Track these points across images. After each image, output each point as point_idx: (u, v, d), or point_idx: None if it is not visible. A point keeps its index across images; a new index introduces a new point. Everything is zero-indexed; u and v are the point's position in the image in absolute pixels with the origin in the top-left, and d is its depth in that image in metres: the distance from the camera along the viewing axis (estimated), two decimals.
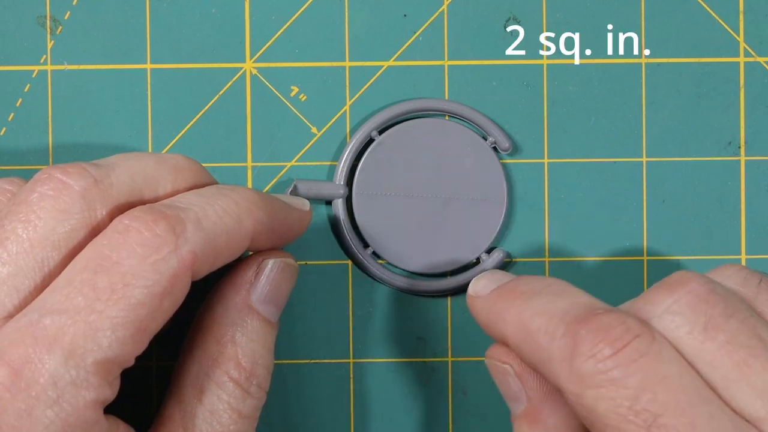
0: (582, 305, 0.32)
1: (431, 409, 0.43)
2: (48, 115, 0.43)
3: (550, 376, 0.31)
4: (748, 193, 0.43)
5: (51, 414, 0.30)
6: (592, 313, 0.31)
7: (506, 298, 0.34)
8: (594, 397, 0.30)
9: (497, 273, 0.37)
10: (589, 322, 0.31)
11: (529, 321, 0.32)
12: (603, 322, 0.30)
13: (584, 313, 0.31)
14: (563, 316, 0.31)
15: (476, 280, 0.37)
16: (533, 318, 0.32)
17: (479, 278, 0.37)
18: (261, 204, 0.36)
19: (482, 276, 0.37)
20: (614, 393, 0.29)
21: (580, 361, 0.30)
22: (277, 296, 0.37)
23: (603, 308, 0.31)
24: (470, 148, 0.43)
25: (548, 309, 0.32)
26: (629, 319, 0.31)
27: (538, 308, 0.32)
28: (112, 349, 0.31)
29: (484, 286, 0.36)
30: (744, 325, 0.31)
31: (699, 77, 0.43)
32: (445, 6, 0.43)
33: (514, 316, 0.33)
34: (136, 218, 0.32)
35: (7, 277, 0.32)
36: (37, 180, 0.33)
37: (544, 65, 0.43)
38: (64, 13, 0.43)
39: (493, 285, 0.36)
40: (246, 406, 0.35)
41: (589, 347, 0.30)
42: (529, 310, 0.33)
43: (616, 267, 0.43)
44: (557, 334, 0.31)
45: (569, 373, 0.30)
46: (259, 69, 0.43)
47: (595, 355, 0.30)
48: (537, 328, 0.32)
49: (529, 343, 0.32)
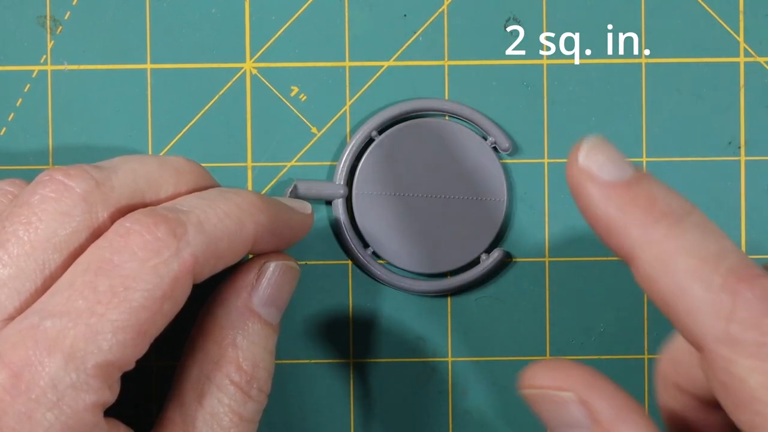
0: (735, 255, 0.28)
1: (431, 409, 0.43)
2: (48, 115, 0.43)
3: (694, 327, 0.28)
4: (748, 193, 0.43)
5: (51, 417, 0.30)
6: (752, 272, 0.28)
7: (644, 211, 0.29)
8: (749, 367, 0.27)
9: (616, 153, 0.30)
10: (753, 284, 0.27)
11: (676, 256, 0.28)
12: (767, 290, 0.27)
13: (742, 269, 0.28)
14: (717, 263, 0.28)
15: (590, 149, 0.30)
16: (682, 255, 0.28)
17: (594, 149, 0.30)
18: (263, 207, 0.36)
19: (598, 148, 0.30)
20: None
21: (741, 327, 0.27)
22: (279, 299, 0.37)
23: (760, 268, 0.28)
24: (470, 148, 0.43)
25: (698, 248, 0.28)
26: None
27: (688, 243, 0.28)
28: (112, 352, 0.31)
29: (603, 167, 0.29)
30: None
31: (699, 77, 0.43)
32: (445, 6, 0.43)
33: (656, 242, 0.28)
34: (137, 221, 0.32)
35: (8, 279, 0.32)
36: (38, 182, 0.33)
37: (544, 65, 0.43)
38: (64, 13, 0.43)
39: (616, 172, 0.29)
40: (247, 409, 0.35)
41: (754, 316, 0.27)
42: (674, 241, 0.28)
43: (616, 267, 0.43)
44: (713, 285, 0.27)
45: (724, 334, 0.27)
46: (259, 69, 0.43)
47: (760, 327, 0.27)
48: (686, 269, 0.28)
49: (671, 281, 0.28)
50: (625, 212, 0.29)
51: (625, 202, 0.29)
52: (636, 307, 0.43)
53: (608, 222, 0.29)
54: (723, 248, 0.28)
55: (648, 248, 0.28)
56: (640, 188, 0.29)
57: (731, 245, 0.28)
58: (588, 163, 0.29)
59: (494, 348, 0.43)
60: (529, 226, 0.43)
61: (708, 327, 0.27)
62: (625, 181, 0.29)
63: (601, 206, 0.29)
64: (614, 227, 0.29)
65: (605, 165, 0.29)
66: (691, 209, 0.29)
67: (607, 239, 0.29)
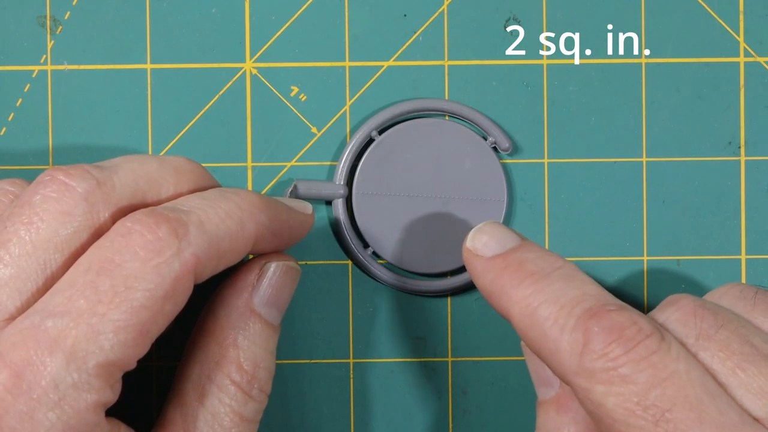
0: (593, 297, 0.32)
1: (431, 409, 0.43)
2: (48, 115, 0.43)
3: (557, 367, 0.32)
4: (748, 193, 0.43)
5: (52, 417, 0.30)
6: (604, 308, 0.31)
7: (512, 274, 0.34)
8: (603, 392, 0.30)
9: (498, 229, 0.36)
10: (601, 318, 0.31)
11: (538, 308, 0.32)
12: (615, 321, 0.31)
13: (596, 308, 0.31)
14: (574, 307, 0.32)
15: (476, 233, 0.36)
16: (542, 305, 0.32)
17: (479, 231, 0.36)
18: (263, 207, 0.36)
19: (482, 230, 0.36)
20: (623, 389, 0.30)
21: (590, 358, 0.30)
22: (279, 299, 0.37)
23: (614, 304, 0.32)
24: (470, 148, 0.43)
25: (558, 297, 0.32)
26: (641, 320, 0.31)
27: (548, 295, 0.32)
28: (113, 351, 0.31)
29: (486, 245, 0.35)
30: (735, 335, 0.31)
31: (699, 77, 0.43)
32: (445, 6, 0.43)
33: (522, 299, 0.33)
34: (138, 221, 0.32)
35: (10, 279, 0.32)
36: (39, 182, 0.33)
37: (544, 65, 0.43)
38: (64, 13, 0.43)
39: (496, 247, 0.35)
40: (248, 409, 0.35)
41: (601, 346, 0.30)
42: (537, 295, 0.33)
43: (616, 267, 0.43)
44: (567, 327, 0.31)
45: (578, 367, 0.31)
46: (259, 69, 0.43)
47: (606, 354, 0.30)
48: (546, 317, 0.32)
49: (536, 331, 0.32)
50: (499, 278, 0.34)
51: (500, 270, 0.34)
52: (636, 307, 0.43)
53: (489, 289, 0.34)
54: (583, 293, 0.32)
55: (517, 305, 0.33)
56: (513, 256, 0.34)
57: (594, 289, 0.33)
58: (473, 244, 0.36)
59: (494, 348, 0.43)
60: (529, 226, 0.43)
61: (567, 364, 0.31)
62: (502, 253, 0.34)
63: (482, 277, 0.35)
64: (493, 293, 0.34)
65: (488, 243, 0.35)
66: (561, 264, 0.34)
67: (493, 305, 0.35)
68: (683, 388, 0.30)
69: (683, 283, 0.43)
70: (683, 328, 0.32)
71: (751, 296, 0.33)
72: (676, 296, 0.33)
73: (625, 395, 0.30)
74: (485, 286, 0.35)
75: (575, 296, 0.32)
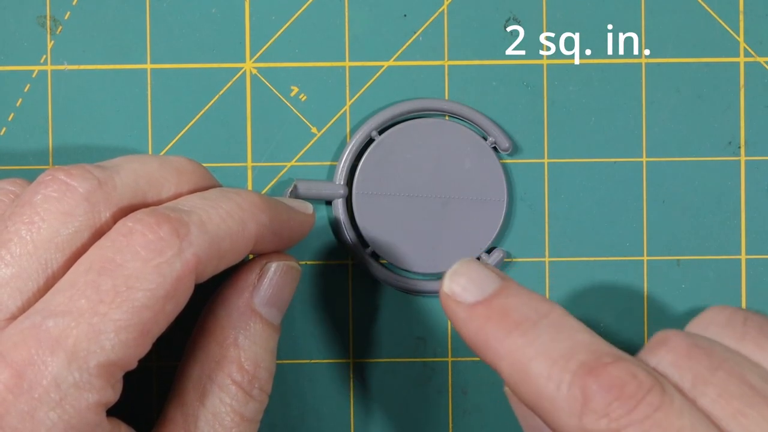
0: (586, 348, 0.30)
1: (431, 409, 0.43)
2: (48, 115, 0.43)
3: (555, 425, 0.30)
4: (748, 193, 0.43)
5: (54, 416, 0.30)
6: (600, 362, 0.29)
7: (498, 325, 0.31)
8: None
9: (476, 270, 0.33)
10: (599, 374, 0.29)
11: (529, 363, 0.30)
12: (614, 376, 0.29)
13: (592, 361, 0.29)
14: (568, 361, 0.30)
15: (453, 275, 0.33)
16: (533, 360, 0.30)
17: (456, 274, 0.33)
18: (264, 207, 0.36)
19: (459, 272, 0.33)
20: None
21: (592, 419, 0.29)
22: (280, 299, 0.37)
23: (610, 355, 0.30)
24: (470, 148, 0.43)
25: (550, 350, 0.30)
26: (640, 372, 0.29)
27: (538, 348, 0.30)
28: (115, 351, 0.31)
29: (465, 290, 0.32)
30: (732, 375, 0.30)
31: (699, 77, 0.43)
32: (445, 6, 0.43)
33: (510, 352, 0.31)
34: (139, 221, 0.32)
35: (11, 279, 0.32)
36: (40, 182, 0.33)
37: (544, 65, 0.43)
38: (64, 13, 0.43)
39: (476, 291, 0.32)
40: (248, 409, 0.35)
41: (602, 405, 0.29)
42: (527, 349, 0.30)
43: (616, 267, 0.43)
44: (563, 384, 0.29)
45: (579, 428, 0.29)
46: (259, 69, 0.43)
47: (608, 414, 0.29)
48: (539, 374, 0.30)
49: (530, 387, 0.30)
50: (483, 329, 0.31)
51: (483, 320, 0.31)
52: (636, 307, 0.43)
53: (473, 341, 0.32)
54: (574, 344, 0.30)
55: (506, 359, 0.31)
56: (496, 303, 0.32)
57: (585, 337, 0.30)
58: (452, 288, 0.33)
59: None
60: (529, 226, 0.43)
61: (565, 424, 0.29)
62: (483, 299, 0.32)
63: (465, 328, 0.32)
64: (478, 345, 0.32)
65: (467, 288, 0.32)
66: (547, 311, 0.31)
67: (479, 356, 0.32)
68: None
69: (683, 283, 0.43)
70: (678, 372, 0.30)
71: (740, 323, 0.32)
72: (666, 334, 0.31)
73: None
74: (469, 336, 0.32)
75: (568, 348, 0.30)
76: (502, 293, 0.32)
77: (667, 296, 0.43)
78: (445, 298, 0.33)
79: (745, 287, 0.43)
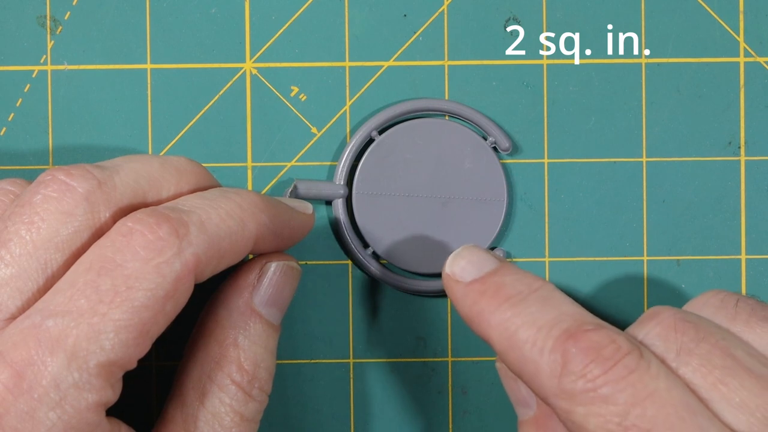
0: (570, 317, 0.32)
1: (431, 409, 0.43)
2: (48, 115, 0.43)
3: (538, 389, 0.32)
4: (748, 193, 0.43)
5: (53, 416, 0.30)
6: (582, 328, 0.31)
7: (491, 299, 0.34)
8: (584, 413, 0.30)
9: (476, 253, 0.36)
10: (579, 339, 0.31)
11: (516, 331, 0.32)
12: (593, 340, 0.31)
13: (574, 328, 0.31)
14: (551, 328, 0.31)
15: (454, 258, 0.36)
16: (520, 328, 0.32)
17: (457, 256, 0.36)
18: (264, 207, 0.36)
19: (461, 255, 0.36)
20: (604, 410, 0.30)
21: (570, 380, 0.30)
22: (280, 299, 0.37)
23: (592, 323, 0.31)
24: (470, 148, 0.43)
25: (536, 319, 0.32)
26: (619, 337, 0.31)
27: (525, 317, 0.32)
28: (114, 351, 0.31)
29: (464, 270, 0.35)
30: (716, 348, 0.31)
31: (699, 77, 0.43)
32: (445, 6, 0.43)
33: (500, 322, 0.33)
34: (139, 221, 0.32)
35: (10, 279, 0.32)
36: (40, 182, 0.33)
37: (544, 65, 0.43)
38: (64, 13, 0.43)
39: (474, 271, 0.35)
40: (248, 409, 0.35)
41: (579, 366, 0.30)
42: (516, 318, 0.32)
43: (616, 267, 0.43)
44: (546, 349, 0.31)
45: (558, 389, 0.31)
46: (259, 69, 0.43)
47: (585, 375, 0.30)
48: (524, 340, 0.32)
49: (516, 354, 0.32)
50: (477, 303, 0.34)
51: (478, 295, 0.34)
52: (636, 307, 0.43)
53: (468, 315, 0.34)
54: (560, 313, 0.32)
55: (497, 329, 0.33)
56: (492, 280, 0.34)
57: (571, 309, 0.32)
58: (452, 269, 0.35)
59: None
60: (529, 226, 0.43)
61: (547, 386, 0.31)
62: (480, 277, 0.34)
63: (462, 303, 0.35)
64: (472, 318, 0.34)
65: (466, 268, 0.35)
66: (538, 286, 0.33)
67: (473, 329, 0.34)
68: (664, 407, 0.29)
69: (683, 283, 0.43)
70: (664, 343, 0.31)
71: (732, 305, 0.33)
72: (657, 309, 0.33)
73: (605, 416, 0.30)
74: (465, 311, 0.35)
75: (553, 317, 0.32)
76: (498, 272, 0.35)
77: (667, 296, 0.43)
78: (445, 277, 0.36)
79: (745, 287, 0.43)
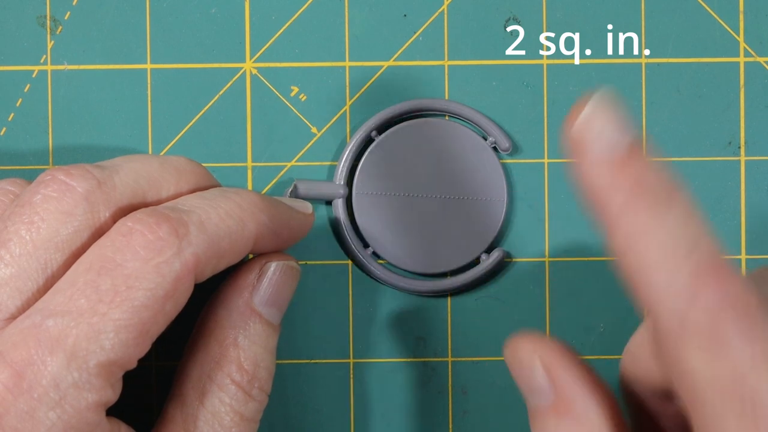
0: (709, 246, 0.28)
1: (431, 409, 0.43)
2: (48, 115, 0.43)
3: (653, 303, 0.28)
4: (748, 193, 0.43)
5: (53, 416, 0.30)
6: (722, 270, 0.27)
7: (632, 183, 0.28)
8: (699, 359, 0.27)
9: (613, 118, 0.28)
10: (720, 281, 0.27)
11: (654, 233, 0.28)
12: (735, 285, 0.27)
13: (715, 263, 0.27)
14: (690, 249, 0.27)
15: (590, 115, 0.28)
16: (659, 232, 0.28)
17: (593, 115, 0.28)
18: (264, 207, 0.36)
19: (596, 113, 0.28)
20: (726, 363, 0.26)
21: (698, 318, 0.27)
22: (280, 299, 0.37)
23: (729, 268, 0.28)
24: (470, 148, 0.43)
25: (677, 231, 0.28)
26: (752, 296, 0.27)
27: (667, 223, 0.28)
28: (114, 351, 0.31)
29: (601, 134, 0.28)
30: None
31: (699, 77, 0.43)
32: (445, 6, 0.43)
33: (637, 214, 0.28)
34: (139, 220, 0.32)
35: (10, 279, 0.32)
36: (40, 182, 0.33)
37: (544, 65, 0.43)
38: (64, 13, 0.43)
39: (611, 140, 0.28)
40: (248, 408, 0.35)
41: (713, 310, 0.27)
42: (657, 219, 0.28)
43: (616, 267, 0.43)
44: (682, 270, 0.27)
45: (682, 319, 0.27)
46: (259, 69, 0.43)
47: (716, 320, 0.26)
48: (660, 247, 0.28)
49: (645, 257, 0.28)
50: (614, 183, 0.28)
51: (615, 173, 0.28)
52: (636, 308, 0.43)
53: (598, 189, 0.28)
54: (700, 235, 0.28)
55: (628, 220, 0.28)
56: (632, 162, 0.28)
57: (708, 235, 0.28)
58: (587, 129, 0.28)
59: (494, 348, 0.43)
60: (529, 226, 0.43)
61: (668, 308, 0.27)
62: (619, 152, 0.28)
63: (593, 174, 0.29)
64: (603, 194, 0.28)
65: (603, 133, 0.28)
66: (677, 189, 0.28)
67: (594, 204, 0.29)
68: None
69: None
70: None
71: None
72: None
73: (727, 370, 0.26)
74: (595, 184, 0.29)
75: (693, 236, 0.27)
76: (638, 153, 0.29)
77: None
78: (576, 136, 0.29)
79: None
